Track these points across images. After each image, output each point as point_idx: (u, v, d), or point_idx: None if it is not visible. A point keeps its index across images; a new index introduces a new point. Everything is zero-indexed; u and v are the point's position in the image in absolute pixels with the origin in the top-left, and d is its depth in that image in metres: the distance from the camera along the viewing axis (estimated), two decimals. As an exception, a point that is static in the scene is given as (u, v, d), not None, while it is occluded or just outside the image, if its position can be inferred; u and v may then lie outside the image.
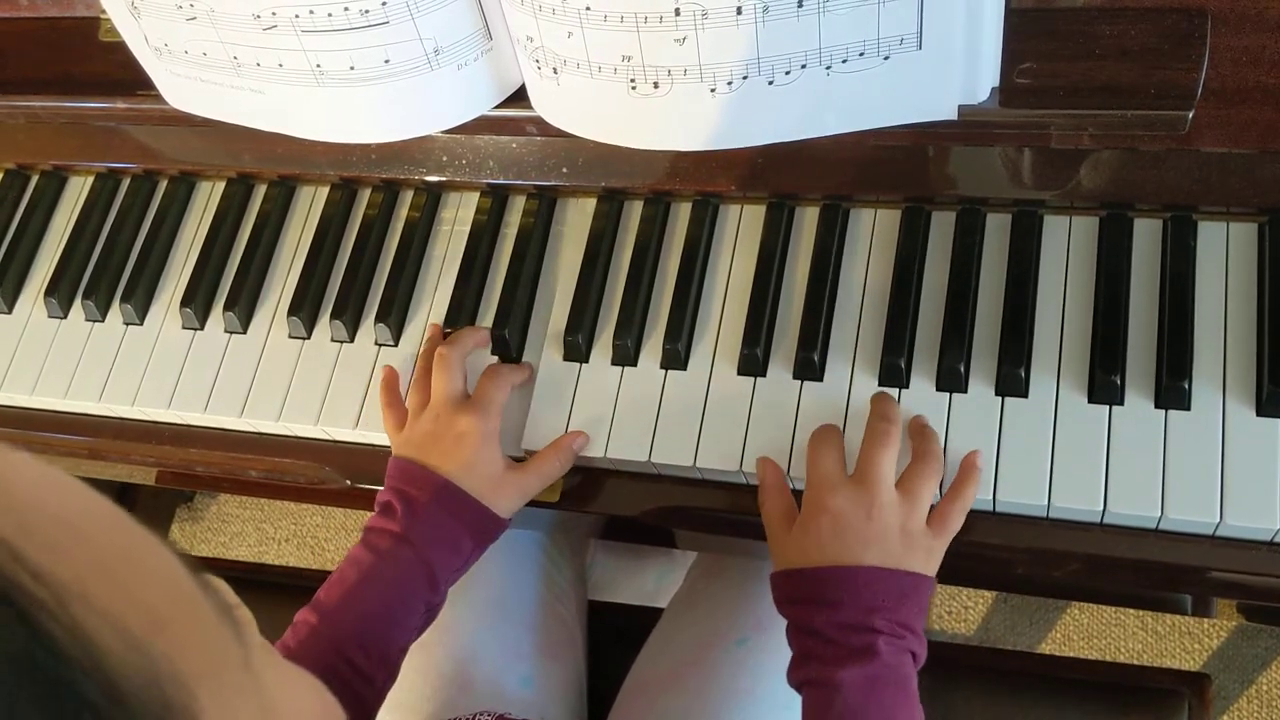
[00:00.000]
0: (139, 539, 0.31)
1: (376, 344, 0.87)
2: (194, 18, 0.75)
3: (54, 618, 0.25)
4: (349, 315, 0.88)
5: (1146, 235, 0.77)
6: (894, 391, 0.76)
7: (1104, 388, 0.73)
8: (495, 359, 0.84)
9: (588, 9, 0.68)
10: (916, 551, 0.69)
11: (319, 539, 1.79)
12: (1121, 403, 0.73)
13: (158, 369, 0.90)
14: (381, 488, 0.86)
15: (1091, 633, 1.51)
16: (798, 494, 0.73)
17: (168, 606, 0.30)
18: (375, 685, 0.73)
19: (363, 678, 0.72)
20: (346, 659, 0.72)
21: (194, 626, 0.30)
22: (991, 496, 0.73)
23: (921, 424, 0.74)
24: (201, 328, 0.91)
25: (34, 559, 0.26)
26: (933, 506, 0.72)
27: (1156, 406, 0.72)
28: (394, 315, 0.87)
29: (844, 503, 0.69)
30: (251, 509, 1.82)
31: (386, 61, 0.74)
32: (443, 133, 0.83)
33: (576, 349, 0.83)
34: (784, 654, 0.87)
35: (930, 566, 0.70)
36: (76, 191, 1.00)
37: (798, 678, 0.69)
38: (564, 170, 0.85)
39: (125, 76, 0.86)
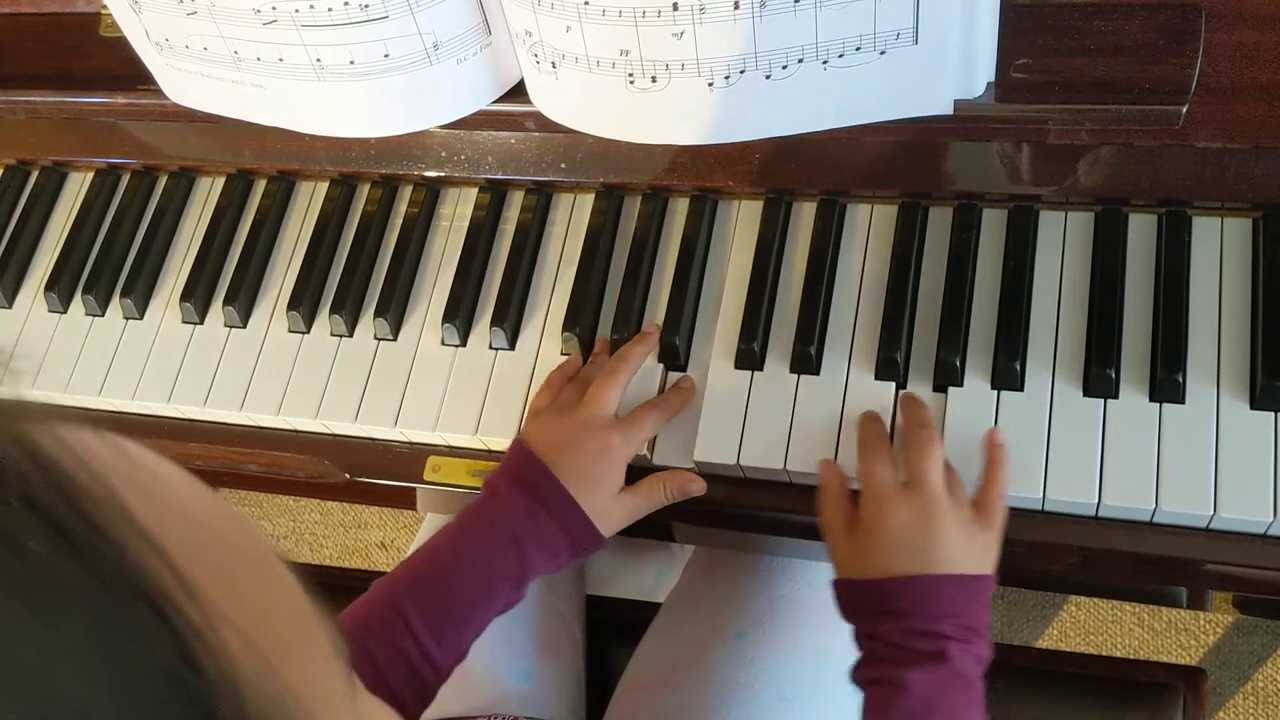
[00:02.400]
0: (268, 552, 0.30)
1: (376, 338, 0.87)
2: (194, 12, 0.75)
3: (201, 635, 0.25)
4: (348, 310, 0.88)
5: (1141, 230, 0.77)
6: (889, 385, 0.77)
7: (1099, 381, 0.73)
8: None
9: (586, 3, 0.68)
10: (974, 550, 0.69)
11: (316, 535, 1.80)
12: (1116, 396, 0.73)
13: (158, 363, 0.91)
14: (384, 482, 0.87)
15: (1088, 629, 1.51)
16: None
17: (294, 632, 0.29)
18: (440, 671, 0.72)
19: (430, 664, 0.71)
20: (416, 640, 0.71)
21: (314, 657, 0.30)
22: (987, 489, 0.73)
23: (909, 395, 0.75)
24: (201, 322, 0.92)
25: (186, 571, 0.26)
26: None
27: (1151, 400, 0.73)
28: (393, 310, 0.87)
29: (904, 514, 0.69)
30: (250, 506, 1.82)
31: (386, 56, 0.75)
32: (441, 128, 0.84)
33: (574, 344, 0.83)
34: (782, 648, 0.88)
35: (988, 564, 0.69)
36: (76, 187, 1.00)
37: (863, 676, 0.69)
38: (562, 166, 0.85)
39: (126, 72, 0.86)
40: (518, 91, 0.80)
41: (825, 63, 0.69)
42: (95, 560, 0.25)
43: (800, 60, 0.69)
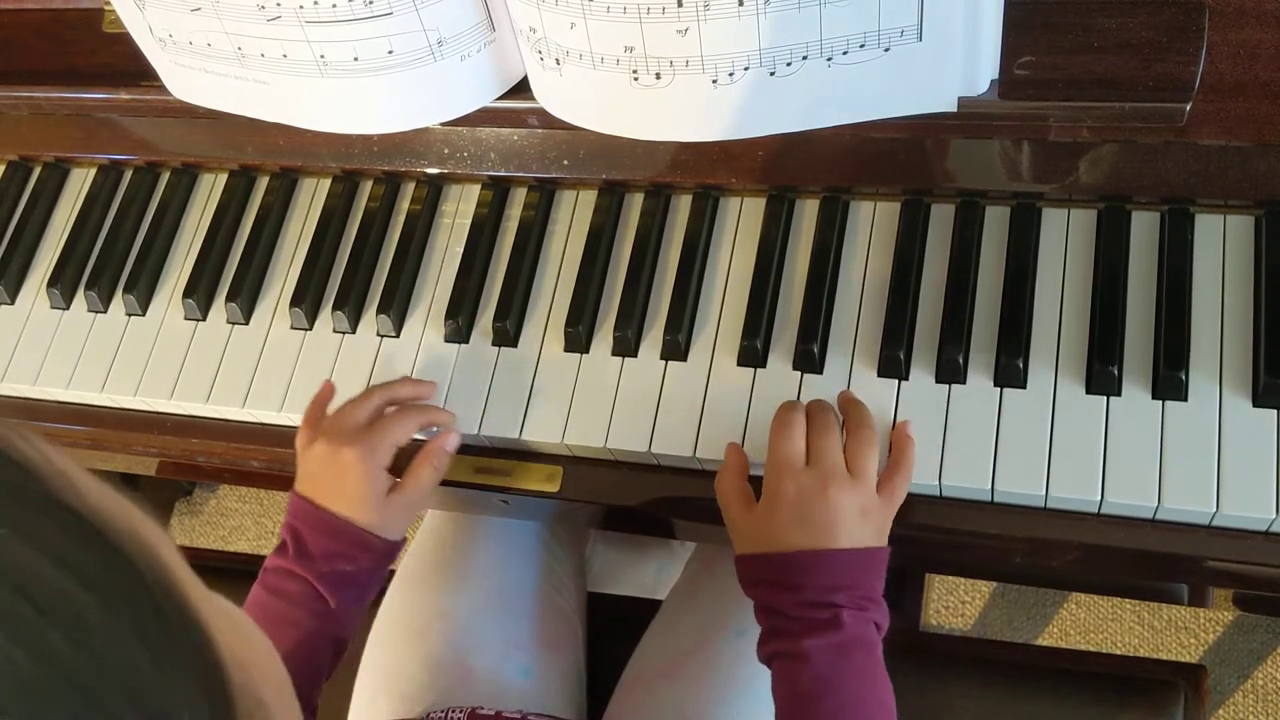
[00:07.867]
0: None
1: (378, 335, 0.88)
2: (198, 9, 0.75)
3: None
4: (350, 307, 0.88)
5: (1144, 228, 0.77)
6: (893, 383, 0.77)
7: (1102, 378, 0.73)
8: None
9: (590, 0, 0.68)
10: (869, 526, 0.71)
11: (318, 533, 1.79)
12: (1119, 393, 0.73)
13: (160, 360, 0.91)
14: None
15: (1088, 627, 1.51)
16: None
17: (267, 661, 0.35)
18: None
19: None
20: None
21: (281, 693, 0.36)
22: (989, 486, 0.73)
23: (848, 396, 0.76)
24: (204, 319, 0.92)
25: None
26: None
27: (1154, 397, 0.73)
28: (395, 307, 0.87)
29: (803, 489, 0.71)
30: (251, 503, 1.82)
31: (390, 52, 0.75)
32: (444, 125, 0.84)
33: (577, 340, 0.83)
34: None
35: (883, 538, 0.72)
36: (79, 183, 1.00)
37: (766, 652, 0.71)
38: (565, 163, 0.85)
39: (129, 68, 0.87)
40: (521, 88, 0.80)
41: (829, 60, 0.69)
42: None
43: (804, 57, 0.69)
